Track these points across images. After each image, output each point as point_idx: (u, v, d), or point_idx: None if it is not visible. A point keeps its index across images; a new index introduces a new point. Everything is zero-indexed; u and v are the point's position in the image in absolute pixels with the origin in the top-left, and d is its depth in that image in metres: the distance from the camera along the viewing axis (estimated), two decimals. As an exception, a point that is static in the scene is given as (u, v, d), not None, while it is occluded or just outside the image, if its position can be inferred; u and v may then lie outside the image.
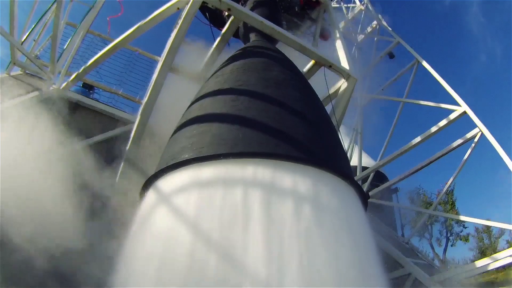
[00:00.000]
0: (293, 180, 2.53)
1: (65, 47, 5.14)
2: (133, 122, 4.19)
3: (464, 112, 5.81)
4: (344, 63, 4.46)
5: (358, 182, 2.96)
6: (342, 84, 4.41)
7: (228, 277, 2.07)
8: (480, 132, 5.63)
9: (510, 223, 5.40)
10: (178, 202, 2.59)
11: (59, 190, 3.76)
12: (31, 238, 3.43)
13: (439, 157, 6.29)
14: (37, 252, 3.44)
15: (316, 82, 4.39)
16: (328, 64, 4.32)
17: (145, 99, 4.01)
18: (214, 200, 2.43)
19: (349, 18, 8.21)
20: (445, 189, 7.14)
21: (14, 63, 4.54)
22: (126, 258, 2.73)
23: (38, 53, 5.70)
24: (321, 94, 4.18)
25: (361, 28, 8.18)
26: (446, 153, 6.22)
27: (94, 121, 4.68)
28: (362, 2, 8.26)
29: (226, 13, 4.25)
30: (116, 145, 4.51)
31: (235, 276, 2.07)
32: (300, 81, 3.81)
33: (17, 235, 3.32)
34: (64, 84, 4.68)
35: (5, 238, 3.41)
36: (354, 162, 8.24)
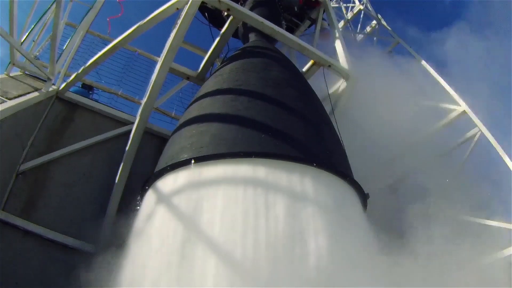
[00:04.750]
0: (293, 179, 2.53)
1: (64, 48, 5.13)
2: (133, 122, 4.19)
3: (464, 112, 5.80)
4: (344, 63, 4.45)
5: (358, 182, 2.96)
6: (342, 84, 4.41)
7: (228, 276, 2.07)
8: (480, 132, 5.62)
9: (510, 223, 5.39)
10: (178, 202, 2.59)
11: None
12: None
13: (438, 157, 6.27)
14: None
15: (316, 82, 4.39)
16: (327, 64, 4.32)
17: (145, 99, 4.02)
18: (214, 199, 2.44)
19: (349, 18, 8.21)
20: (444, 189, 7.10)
21: (14, 64, 4.53)
22: (127, 258, 2.73)
23: (37, 53, 5.68)
24: (321, 94, 4.18)
25: (360, 28, 8.17)
26: (446, 152, 6.20)
27: (93, 122, 4.67)
28: (362, 2, 8.25)
29: (226, 13, 4.25)
30: (116, 145, 4.51)
31: (235, 276, 2.07)
32: (299, 81, 3.81)
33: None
34: (63, 85, 4.67)
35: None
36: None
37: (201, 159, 2.63)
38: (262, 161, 2.58)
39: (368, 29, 8.10)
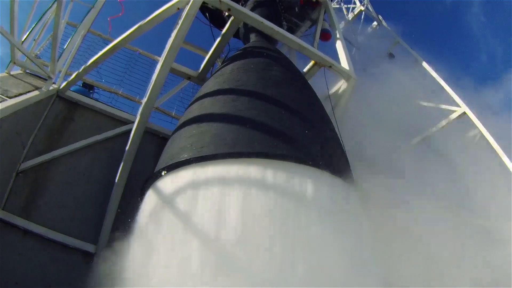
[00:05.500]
0: (293, 180, 2.53)
1: (65, 47, 5.13)
2: (133, 122, 4.19)
3: (464, 113, 5.81)
4: (344, 64, 4.45)
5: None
6: (342, 84, 4.41)
7: (228, 276, 2.07)
8: (480, 133, 5.63)
9: (510, 224, 5.38)
10: (178, 202, 2.59)
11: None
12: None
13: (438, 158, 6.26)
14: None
15: (316, 82, 4.39)
16: (328, 65, 4.32)
17: (145, 99, 4.01)
18: (214, 199, 2.44)
19: (349, 18, 8.21)
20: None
21: (14, 63, 4.53)
22: (128, 258, 2.73)
23: (38, 52, 5.69)
24: (321, 94, 4.19)
25: (361, 28, 8.17)
26: (446, 153, 6.19)
27: (93, 121, 4.66)
28: (362, 3, 8.25)
29: (226, 14, 4.25)
30: (116, 145, 4.51)
31: (234, 275, 2.07)
32: (300, 81, 3.82)
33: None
34: (64, 84, 4.68)
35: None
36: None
37: (201, 159, 2.63)
38: (263, 161, 2.57)
39: (369, 29, 8.11)
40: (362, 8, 8.15)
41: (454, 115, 5.87)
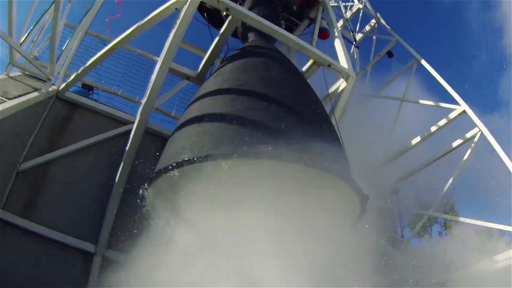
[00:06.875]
0: (292, 180, 2.54)
1: (64, 48, 5.14)
2: (133, 122, 4.19)
3: (464, 111, 5.80)
4: (343, 62, 4.45)
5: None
6: (341, 83, 4.41)
7: (225, 274, 2.07)
8: (480, 132, 5.61)
9: (510, 225, 5.37)
10: (178, 202, 2.60)
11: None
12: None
13: (438, 157, 6.24)
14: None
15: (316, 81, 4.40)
16: (327, 63, 4.32)
17: (145, 99, 4.02)
18: (214, 199, 2.44)
19: (348, 17, 8.20)
20: (445, 190, 7.07)
21: (13, 65, 4.54)
22: (128, 258, 2.74)
23: (37, 54, 5.68)
24: (320, 93, 4.19)
25: (359, 27, 8.18)
26: (446, 153, 6.18)
27: (93, 122, 4.66)
28: (361, 1, 8.24)
29: (224, 13, 4.25)
30: (116, 145, 4.51)
31: (232, 274, 2.08)
32: (299, 80, 3.82)
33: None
34: (63, 85, 4.68)
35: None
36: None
37: (201, 159, 2.63)
38: (262, 161, 2.58)
39: (367, 28, 8.11)
40: (360, 6, 8.15)
41: (454, 114, 5.86)
